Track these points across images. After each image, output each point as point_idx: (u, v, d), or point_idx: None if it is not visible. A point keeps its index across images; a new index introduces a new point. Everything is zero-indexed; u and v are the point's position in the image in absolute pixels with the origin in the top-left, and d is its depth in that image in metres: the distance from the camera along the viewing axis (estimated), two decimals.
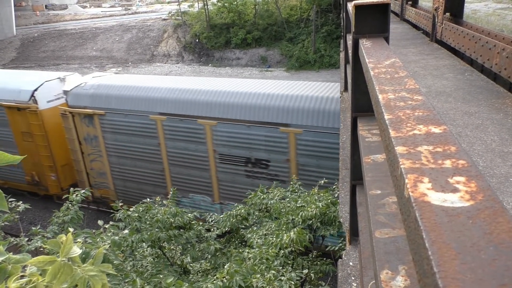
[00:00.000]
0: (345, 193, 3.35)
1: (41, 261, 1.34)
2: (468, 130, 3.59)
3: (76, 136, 12.28)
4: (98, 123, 11.75)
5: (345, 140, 4.42)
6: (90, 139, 12.15)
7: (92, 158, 12.41)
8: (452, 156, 0.77)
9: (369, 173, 1.81)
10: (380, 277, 1.22)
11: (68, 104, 12.16)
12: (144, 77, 13.36)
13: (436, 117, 0.98)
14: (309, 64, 29.41)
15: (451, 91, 4.67)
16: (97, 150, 12.16)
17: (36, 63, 36.69)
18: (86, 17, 46.89)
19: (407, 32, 9.17)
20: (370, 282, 1.82)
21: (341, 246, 5.83)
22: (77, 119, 12.05)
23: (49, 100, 12.77)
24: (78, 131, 12.20)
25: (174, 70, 32.04)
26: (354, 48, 2.32)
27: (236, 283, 4.02)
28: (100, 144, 12.05)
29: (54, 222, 5.66)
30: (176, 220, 6.04)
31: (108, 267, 1.48)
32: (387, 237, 1.39)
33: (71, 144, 12.56)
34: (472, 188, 0.66)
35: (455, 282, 0.48)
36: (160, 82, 11.69)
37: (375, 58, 1.73)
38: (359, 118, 2.42)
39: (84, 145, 12.34)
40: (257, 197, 6.83)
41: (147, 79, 12.68)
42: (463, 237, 0.55)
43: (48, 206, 13.29)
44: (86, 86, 11.99)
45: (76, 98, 11.96)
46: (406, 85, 1.29)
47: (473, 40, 5.22)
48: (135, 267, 5.49)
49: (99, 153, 12.17)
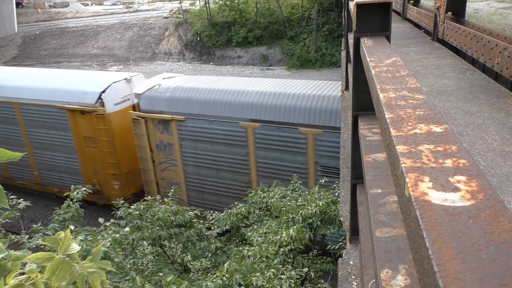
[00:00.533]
0: (346, 192, 3.35)
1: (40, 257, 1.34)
2: (469, 129, 3.58)
3: (148, 143, 11.21)
4: (175, 130, 10.64)
5: (346, 138, 4.42)
6: (163, 147, 11.10)
7: (164, 167, 11.37)
8: (453, 155, 0.76)
9: (370, 172, 1.81)
10: (381, 276, 1.22)
11: (140, 108, 11.11)
12: (226, 79, 11.95)
13: (437, 116, 0.97)
14: (310, 62, 29.38)
15: (453, 90, 4.67)
16: (171, 159, 11.08)
17: (37, 61, 36.71)
18: (88, 15, 46.87)
19: (409, 31, 9.16)
20: (370, 281, 1.82)
21: (341, 245, 5.83)
22: (150, 125, 11.00)
23: (116, 103, 11.74)
24: (150, 137, 11.13)
25: (175, 69, 32.04)
26: (356, 46, 2.32)
27: (235, 282, 4.02)
28: (176, 152, 10.96)
29: (55, 220, 5.67)
30: (177, 218, 6.04)
31: (107, 264, 1.48)
32: (387, 236, 1.38)
33: (142, 151, 11.48)
34: (473, 187, 0.66)
35: (456, 281, 0.48)
36: (249, 85, 10.60)
37: (376, 57, 1.73)
38: (360, 117, 2.41)
39: (156, 153, 11.27)
40: (257, 196, 6.84)
41: (230, 81, 11.36)
42: (464, 237, 0.54)
43: (49, 204, 13.31)
44: (161, 88, 10.93)
45: (150, 102, 10.91)
46: (407, 84, 1.28)
47: (474, 40, 5.21)
48: (135, 265, 5.50)
49: (173, 162, 11.09)
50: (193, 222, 6.47)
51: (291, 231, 5.29)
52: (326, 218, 5.98)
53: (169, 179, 11.36)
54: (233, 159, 10.14)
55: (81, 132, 12.14)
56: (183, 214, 6.17)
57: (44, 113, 12.57)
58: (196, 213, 6.46)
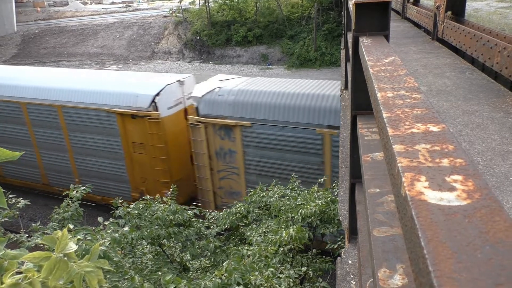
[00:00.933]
0: (345, 191, 3.35)
1: (36, 256, 1.33)
2: (469, 128, 3.58)
3: (207, 150, 10.46)
4: (239, 136, 9.87)
5: (345, 138, 4.42)
6: (223, 154, 10.33)
7: (223, 176, 10.62)
8: (450, 155, 0.76)
9: (368, 172, 1.81)
10: (378, 276, 1.22)
11: (200, 112, 10.35)
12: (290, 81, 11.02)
13: (434, 116, 0.97)
14: (310, 62, 29.37)
15: (452, 89, 4.67)
16: (231, 167, 10.30)
17: (36, 60, 36.67)
18: (87, 13, 46.82)
19: (408, 30, 9.16)
20: (368, 280, 1.82)
21: (340, 244, 5.83)
22: (210, 131, 10.25)
23: (169, 107, 11.05)
24: (210, 144, 10.38)
25: (175, 68, 32.03)
26: (354, 46, 2.32)
27: (234, 281, 4.03)
28: (238, 159, 10.18)
29: (54, 219, 5.67)
30: (176, 218, 6.04)
31: (104, 263, 1.48)
32: (385, 235, 1.38)
33: (199, 159, 10.72)
34: (469, 187, 0.65)
35: (451, 281, 0.48)
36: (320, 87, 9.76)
37: (374, 56, 1.72)
38: (359, 116, 2.41)
39: (215, 160, 10.50)
40: (256, 195, 6.84)
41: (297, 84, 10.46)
42: (459, 236, 0.54)
43: (49, 203, 13.31)
44: (223, 91, 10.18)
45: (210, 106, 10.16)
46: (405, 83, 1.28)
47: (474, 39, 5.20)
48: (134, 264, 5.50)
49: (233, 170, 10.33)
50: (192, 221, 6.47)
51: (291, 231, 5.29)
52: (326, 218, 5.98)
53: (228, 188, 10.68)
54: (305, 168, 9.38)
55: (130, 137, 11.37)
56: (182, 213, 6.18)
57: (91, 117, 11.75)
58: (195, 212, 6.46)
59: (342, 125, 4.86)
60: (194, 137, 10.58)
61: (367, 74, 1.65)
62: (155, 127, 10.81)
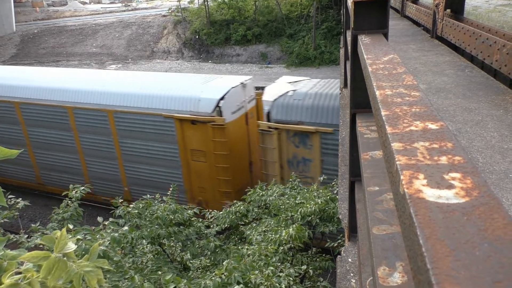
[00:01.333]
0: (344, 190, 3.35)
1: (35, 256, 1.33)
2: (468, 126, 3.58)
3: (279, 159, 9.81)
4: (318, 143, 9.18)
5: (344, 136, 4.42)
6: (297, 163, 9.68)
7: None
8: (448, 153, 0.76)
9: (367, 170, 1.81)
10: (378, 274, 1.22)
11: (272, 117, 9.68)
12: None
13: (433, 113, 0.97)
14: (309, 60, 29.34)
15: (451, 87, 4.66)
16: (304, 176, 9.43)
17: (36, 60, 36.62)
18: (86, 13, 46.76)
19: (408, 28, 9.15)
20: (368, 278, 1.82)
21: (340, 242, 5.84)
22: (283, 137, 9.56)
23: (233, 111, 10.32)
24: (282, 152, 9.73)
25: (174, 67, 31.99)
26: (353, 44, 2.31)
27: (234, 280, 4.03)
28: (313, 168, 9.49)
29: (54, 219, 5.66)
30: (176, 217, 6.04)
31: (104, 262, 1.48)
32: (384, 233, 1.38)
33: (269, 168, 10.07)
34: (467, 184, 0.65)
35: (449, 279, 0.47)
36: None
37: (373, 54, 1.72)
38: (358, 114, 2.41)
39: (287, 169, 9.79)
40: (256, 194, 6.83)
41: None
42: (458, 234, 0.54)
43: (48, 203, 13.30)
44: (298, 95, 9.54)
45: (284, 111, 9.51)
46: (404, 81, 1.28)
47: (473, 37, 5.20)
48: (135, 264, 5.50)
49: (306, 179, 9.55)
50: (192, 220, 6.47)
51: (291, 230, 5.29)
52: (325, 216, 5.98)
53: None
54: None
55: (188, 144, 10.56)
56: (182, 213, 6.17)
57: (145, 123, 10.96)
58: (195, 211, 6.46)
59: (341, 123, 4.86)
60: (265, 144, 9.87)
61: (366, 72, 1.65)
62: (219, 133, 10.04)
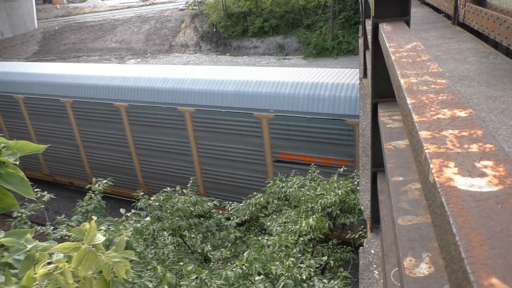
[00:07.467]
0: (366, 181, 3.32)
1: (66, 247, 1.37)
2: (493, 115, 3.49)
3: None
4: None
5: (364, 127, 4.37)
6: None
7: None
8: (479, 140, 0.75)
9: (391, 160, 1.78)
10: (404, 265, 1.20)
11: None
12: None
13: (461, 101, 0.95)
14: (327, 51, 29.01)
15: (475, 75, 4.55)
16: None
17: (57, 56, 37.32)
18: (105, 9, 47.26)
19: (428, 15, 8.94)
20: (392, 269, 1.80)
21: (361, 234, 5.80)
22: None
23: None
24: None
25: (192, 60, 32.13)
26: (374, 33, 2.28)
27: (255, 270, 4.05)
28: None
29: (78, 211, 5.80)
30: (196, 209, 6.10)
31: (130, 253, 1.51)
32: (410, 224, 1.37)
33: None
34: (500, 172, 0.64)
35: (484, 267, 0.47)
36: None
37: (396, 42, 1.69)
38: (380, 104, 2.38)
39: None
40: (275, 186, 6.84)
41: None
42: (492, 222, 0.53)
43: (72, 196, 13.61)
44: None
45: None
46: (429, 69, 1.25)
47: (497, 22, 5.04)
48: (157, 255, 5.59)
49: None
50: (212, 212, 6.53)
51: (311, 221, 5.29)
52: (346, 207, 5.95)
53: None
54: None
55: None
56: (202, 205, 6.23)
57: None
58: (215, 203, 6.51)
59: (361, 114, 4.81)
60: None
61: (388, 61, 1.62)
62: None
